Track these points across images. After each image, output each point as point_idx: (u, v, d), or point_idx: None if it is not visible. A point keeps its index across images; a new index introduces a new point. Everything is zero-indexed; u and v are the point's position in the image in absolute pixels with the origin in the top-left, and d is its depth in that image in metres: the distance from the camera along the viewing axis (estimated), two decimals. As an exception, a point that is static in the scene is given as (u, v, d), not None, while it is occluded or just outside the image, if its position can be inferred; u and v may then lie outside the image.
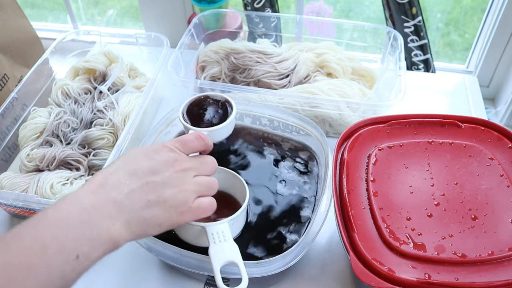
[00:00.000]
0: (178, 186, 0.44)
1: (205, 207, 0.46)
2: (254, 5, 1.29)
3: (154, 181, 0.43)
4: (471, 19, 1.85)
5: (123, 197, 0.41)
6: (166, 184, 0.44)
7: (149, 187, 0.43)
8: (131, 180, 0.43)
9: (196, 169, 0.47)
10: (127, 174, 0.43)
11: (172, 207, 0.44)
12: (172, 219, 0.44)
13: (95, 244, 0.39)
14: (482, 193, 0.55)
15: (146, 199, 0.42)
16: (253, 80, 0.83)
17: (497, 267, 0.48)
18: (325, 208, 0.55)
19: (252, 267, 0.51)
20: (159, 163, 0.44)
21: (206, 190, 0.47)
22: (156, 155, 0.45)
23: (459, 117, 0.63)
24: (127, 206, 0.41)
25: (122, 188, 0.42)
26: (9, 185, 0.64)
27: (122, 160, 0.45)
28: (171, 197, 0.44)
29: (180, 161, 0.46)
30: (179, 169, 0.45)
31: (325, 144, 0.64)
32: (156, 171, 0.44)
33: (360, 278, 0.48)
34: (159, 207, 0.43)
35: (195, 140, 0.49)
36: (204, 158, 0.49)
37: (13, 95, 0.74)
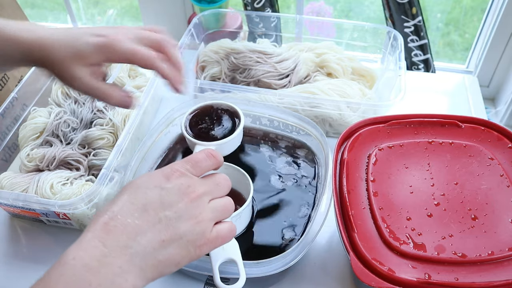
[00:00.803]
0: (194, 217, 0.40)
1: (224, 235, 0.43)
2: (254, 5, 1.29)
3: (167, 216, 0.39)
4: (471, 19, 1.85)
5: (134, 242, 0.37)
6: (181, 218, 0.40)
7: (163, 224, 0.39)
8: (141, 219, 0.38)
9: (210, 193, 0.43)
10: (136, 212, 0.38)
11: (190, 242, 0.40)
12: (190, 255, 0.40)
13: None
14: (482, 193, 0.55)
15: (160, 240, 0.38)
16: (253, 80, 0.83)
17: (497, 267, 0.48)
18: (325, 208, 0.55)
19: (252, 267, 0.51)
20: (170, 192, 0.40)
21: (222, 215, 0.43)
22: (166, 182, 0.41)
23: (459, 117, 0.63)
24: (140, 252, 0.37)
25: (132, 231, 0.37)
26: (9, 185, 0.64)
27: (128, 194, 0.40)
28: (187, 232, 0.40)
29: (193, 186, 0.41)
30: (193, 196, 0.41)
31: (325, 144, 0.64)
32: (169, 203, 0.40)
33: (360, 278, 0.48)
34: (175, 245, 0.39)
35: (207, 159, 0.45)
36: (217, 178, 0.44)
37: (13, 95, 0.74)
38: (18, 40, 0.47)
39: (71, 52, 0.47)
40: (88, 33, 0.48)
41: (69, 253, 0.36)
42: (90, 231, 0.37)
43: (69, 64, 0.47)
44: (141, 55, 0.48)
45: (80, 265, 0.35)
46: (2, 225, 0.69)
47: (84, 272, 0.35)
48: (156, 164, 0.68)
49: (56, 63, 0.48)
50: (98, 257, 0.36)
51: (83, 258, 0.35)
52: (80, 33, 0.48)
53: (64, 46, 0.47)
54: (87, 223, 0.65)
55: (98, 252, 0.36)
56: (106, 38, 0.48)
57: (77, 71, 0.48)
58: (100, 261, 0.35)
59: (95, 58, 0.48)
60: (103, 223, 0.38)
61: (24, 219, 0.69)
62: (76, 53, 0.47)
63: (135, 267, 0.37)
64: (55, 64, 0.48)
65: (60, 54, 0.47)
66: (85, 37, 0.48)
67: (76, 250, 0.36)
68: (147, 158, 0.67)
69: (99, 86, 0.49)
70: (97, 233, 0.37)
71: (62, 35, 0.48)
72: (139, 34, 0.50)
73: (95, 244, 0.36)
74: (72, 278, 0.34)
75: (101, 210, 0.39)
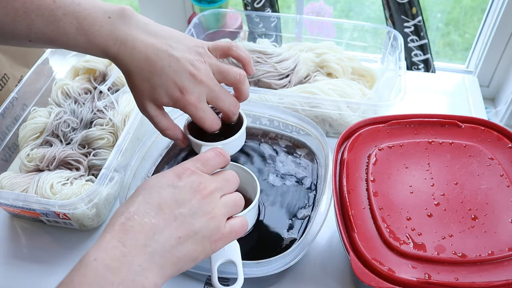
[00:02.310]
0: (208, 213, 0.41)
1: (238, 229, 0.44)
2: (254, 5, 1.30)
3: (182, 213, 0.40)
4: (471, 19, 1.85)
5: (152, 241, 0.38)
6: (195, 214, 0.41)
7: (178, 222, 0.40)
8: (157, 218, 0.39)
9: (221, 189, 0.44)
10: (151, 211, 0.40)
11: (205, 237, 0.41)
12: (206, 250, 0.41)
13: None
14: (482, 193, 0.55)
15: (177, 236, 0.39)
16: (253, 80, 0.83)
17: (497, 267, 0.48)
18: (325, 208, 0.55)
19: (252, 267, 0.51)
20: (183, 190, 0.41)
21: (234, 210, 0.44)
22: (178, 181, 0.42)
23: (459, 117, 0.63)
24: (158, 250, 0.38)
25: (149, 230, 0.38)
26: (9, 185, 0.64)
27: (143, 194, 0.41)
28: (202, 227, 0.41)
29: (204, 183, 0.43)
30: (205, 193, 0.42)
31: (325, 144, 0.64)
32: (182, 201, 0.41)
33: (360, 278, 0.48)
34: (191, 241, 0.40)
35: (216, 157, 0.46)
36: (226, 175, 0.46)
37: (13, 95, 0.74)
38: (103, 49, 0.48)
39: (146, 87, 0.48)
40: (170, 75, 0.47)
41: (89, 255, 0.36)
42: (108, 232, 0.38)
43: (141, 94, 0.49)
44: (204, 124, 0.51)
45: (102, 266, 0.35)
46: (2, 225, 0.69)
47: (106, 272, 0.35)
48: (156, 164, 0.69)
49: (130, 84, 0.49)
50: (118, 257, 0.36)
51: (104, 259, 0.36)
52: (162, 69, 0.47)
53: (141, 79, 0.48)
54: (87, 223, 0.65)
55: (118, 252, 0.37)
56: (183, 97, 0.48)
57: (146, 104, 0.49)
58: (120, 260, 0.36)
59: (165, 104, 0.49)
60: (121, 223, 0.38)
61: (24, 219, 0.69)
62: (150, 92, 0.48)
63: (154, 265, 0.38)
64: (129, 84, 0.49)
65: (136, 82, 0.48)
66: (165, 79, 0.47)
67: (96, 251, 0.37)
68: (147, 158, 0.67)
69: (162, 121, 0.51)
70: (115, 234, 0.38)
71: (144, 59, 0.47)
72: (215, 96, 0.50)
73: (114, 244, 0.37)
74: (95, 279, 0.35)
75: (117, 211, 0.40)
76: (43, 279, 0.61)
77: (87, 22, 0.46)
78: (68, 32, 0.46)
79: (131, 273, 0.36)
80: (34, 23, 0.46)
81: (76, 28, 0.46)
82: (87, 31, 0.46)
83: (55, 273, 0.62)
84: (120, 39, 0.47)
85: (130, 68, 0.48)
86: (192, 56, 0.48)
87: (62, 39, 0.47)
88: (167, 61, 0.47)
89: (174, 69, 0.47)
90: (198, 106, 0.49)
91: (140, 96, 0.49)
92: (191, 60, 0.48)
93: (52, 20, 0.46)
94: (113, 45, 0.47)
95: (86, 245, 0.65)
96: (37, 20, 0.46)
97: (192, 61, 0.48)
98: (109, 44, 0.47)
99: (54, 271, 0.62)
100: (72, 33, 0.47)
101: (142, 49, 0.47)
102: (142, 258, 0.37)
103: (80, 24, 0.46)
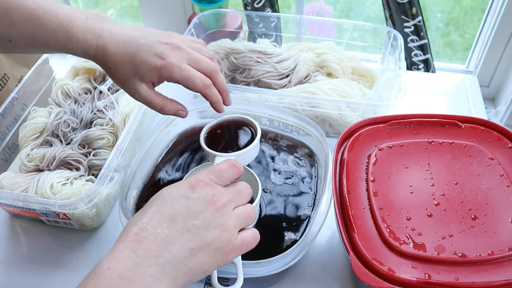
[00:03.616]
0: (220, 225, 0.42)
1: (249, 242, 0.44)
2: (254, 5, 1.30)
3: (195, 225, 0.41)
4: (471, 19, 1.85)
5: (165, 251, 0.39)
6: (208, 226, 0.41)
7: (191, 233, 0.40)
8: (170, 229, 0.40)
9: (234, 201, 0.44)
10: (165, 222, 0.40)
11: (217, 249, 0.41)
12: (218, 262, 0.42)
13: None
14: (482, 193, 0.55)
15: (189, 248, 0.40)
16: (253, 80, 0.83)
17: (497, 267, 0.48)
18: (325, 208, 0.55)
19: (252, 267, 0.51)
20: (197, 202, 0.42)
21: (246, 221, 0.45)
22: (192, 193, 0.42)
23: (459, 117, 0.63)
24: (170, 261, 0.39)
25: (162, 241, 0.39)
26: (9, 185, 0.64)
27: (156, 205, 0.41)
28: (214, 239, 0.41)
29: (218, 195, 0.43)
30: (219, 205, 0.42)
31: (325, 144, 0.64)
32: (196, 213, 0.41)
33: (360, 278, 0.48)
34: (203, 252, 0.40)
35: (230, 169, 0.46)
36: (239, 186, 0.46)
37: (13, 95, 0.74)
38: (83, 43, 0.50)
39: (131, 69, 0.50)
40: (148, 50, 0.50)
41: (103, 264, 0.37)
42: (121, 242, 0.39)
43: (128, 78, 0.51)
44: (193, 82, 0.52)
45: (115, 275, 0.36)
46: (2, 225, 0.69)
47: (119, 282, 0.36)
48: (156, 164, 0.69)
49: (115, 74, 0.51)
50: (131, 266, 0.37)
51: (117, 268, 0.37)
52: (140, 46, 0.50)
53: (124, 63, 0.50)
54: (87, 223, 0.65)
55: (131, 262, 0.37)
56: (165, 62, 0.50)
57: (136, 86, 0.52)
58: (133, 270, 0.37)
59: (153, 78, 0.51)
60: (134, 233, 0.39)
61: (24, 219, 0.69)
62: (135, 72, 0.51)
63: (166, 276, 0.38)
64: (115, 75, 0.51)
65: (119, 67, 0.50)
66: (145, 54, 0.50)
67: (110, 261, 0.37)
68: (147, 158, 0.67)
69: (155, 99, 0.53)
70: (128, 244, 0.38)
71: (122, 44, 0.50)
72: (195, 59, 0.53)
73: (128, 254, 0.38)
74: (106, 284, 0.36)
75: (131, 221, 0.41)
76: (43, 279, 0.61)
77: (66, 19, 0.49)
78: (48, 28, 0.49)
79: (144, 283, 0.37)
80: (15, 21, 0.48)
81: (56, 24, 0.49)
82: (66, 27, 0.49)
83: (55, 273, 0.62)
84: (98, 33, 0.50)
85: (111, 56, 0.50)
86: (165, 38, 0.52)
87: (42, 36, 0.49)
88: (143, 39, 0.51)
89: (150, 43, 0.50)
90: (182, 67, 0.51)
91: (128, 81, 0.51)
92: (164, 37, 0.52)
93: (32, 17, 0.48)
94: (92, 38, 0.50)
95: (86, 245, 0.65)
96: (17, 18, 0.48)
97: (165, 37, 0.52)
98: (88, 37, 0.49)
99: (54, 271, 0.62)
100: (51, 29, 0.49)
101: (119, 36, 0.50)
102: (154, 269, 0.38)
103: (60, 21, 0.49)
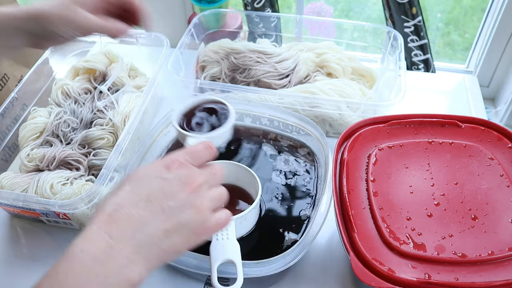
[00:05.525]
0: (195, 206, 0.41)
1: (222, 223, 0.44)
2: (254, 5, 1.30)
3: (170, 206, 0.40)
4: (471, 19, 1.85)
5: (140, 233, 0.38)
6: (183, 207, 0.41)
7: (166, 214, 0.40)
8: (145, 210, 0.39)
9: (208, 183, 0.44)
10: (140, 203, 0.39)
11: (191, 230, 0.41)
12: (191, 242, 0.42)
13: None
14: (482, 193, 0.55)
15: (164, 229, 0.39)
16: (253, 80, 0.83)
17: (497, 267, 0.48)
18: (325, 208, 0.55)
19: (252, 267, 0.51)
20: (172, 183, 0.41)
21: (219, 203, 0.45)
22: (167, 173, 0.42)
23: (459, 117, 0.63)
24: (145, 242, 0.38)
25: (137, 222, 0.38)
26: (9, 185, 0.64)
27: (130, 185, 0.41)
28: (189, 221, 0.41)
29: (193, 177, 0.43)
30: (194, 187, 0.42)
31: (325, 144, 0.64)
32: (171, 194, 0.41)
33: (360, 278, 0.48)
34: (178, 233, 0.40)
35: (205, 150, 0.46)
36: (213, 168, 0.46)
37: (13, 95, 0.74)
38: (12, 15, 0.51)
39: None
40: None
41: (76, 246, 0.37)
42: (95, 223, 0.38)
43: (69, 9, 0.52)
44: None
45: (89, 258, 0.36)
46: (2, 225, 0.69)
47: (93, 264, 0.36)
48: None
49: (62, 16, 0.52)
50: (105, 248, 0.37)
51: (91, 251, 0.36)
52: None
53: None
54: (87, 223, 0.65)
55: (105, 243, 0.37)
56: None
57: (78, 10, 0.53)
58: (107, 252, 0.36)
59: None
60: (108, 214, 0.38)
61: (24, 219, 0.69)
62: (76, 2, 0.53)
63: (141, 258, 0.38)
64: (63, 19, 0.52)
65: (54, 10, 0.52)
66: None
67: (83, 243, 0.37)
68: (147, 158, 0.67)
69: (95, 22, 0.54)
70: (102, 225, 0.38)
71: None
72: None
73: (101, 236, 0.37)
74: (81, 270, 0.35)
75: (104, 202, 0.40)
76: (43, 279, 0.61)
77: None
78: None
79: (118, 265, 0.36)
80: None
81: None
82: None
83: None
84: None
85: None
86: None
87: None
88: None
89: None
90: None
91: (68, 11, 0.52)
92: None
93: None
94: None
95: (86, 245, 0.65)
96: None
97: None
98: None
99: None
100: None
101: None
102: (129, 251, 0.37)
103: None
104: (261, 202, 0.61)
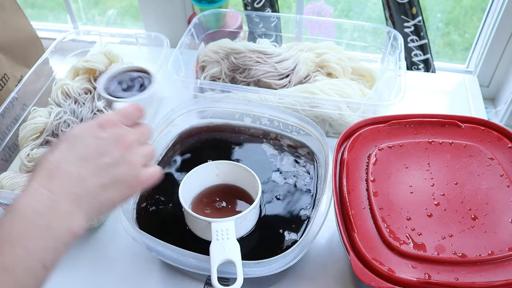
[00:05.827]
0: (128, 162, 0.45)
1: (154, 176, 0.48)
2: (254, 5, 1.29)
3: (106, 162, 0.43)
4: (471, 19, 1.85)
5: (78, 188, 0.41)
6: (118, 163, 0.44)
7: (102, 170, 0.43)
8: (83, 167, 0.42)
9: (139, 140, 0.48)
10: (78, 161, 0.42)
11: (126, 184, 0.45)
12: (126, 195, 0.45)
13: (58, 246, 0.39)
14: (482, 193, 0.55)
15: (101, 184, 0.43)
16: (253, 80, 0.83)
17: (497, 267, 0.48)
18: (325, 208, 0.55)
19: (252, 267, 0.51)
20: (107, 141, 0.44)
21: (149, 159, 0.48)
22: (102, 132, 0.45)
23: (459, 117, 0.63)
24: (83, 196, 0.41)
25: (76, 178, 0.41)
26: (9, 185, 0.64)
27: (67, 144, 0.43)
28: (123, 175, 0.44)
29: (125, 135, 0.46)
30: (127, 144, 0.45)
31: (325, 144, 0.64)
32: (106, 151, 0.44)
33: (360, 278, 0.48)
34: (113, 187, 0.44)
35: (135, 111, 0.49)
36: (143, 127, 0.49)
37: (13, 95, 0.74)
38: None
39: None
40: None
41: (18, 202, 0.39)
42: (35, 181, 0.40)
43: None
44: None
45: (31, 211, 0.38)
46: (2, 225, 0.69)
47: (35, 217, 0.38)
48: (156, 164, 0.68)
49: None
50: (47, 203, 0.39)
51: (33, 205, 0.39)
52: None
53: None
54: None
55: (46, 198, 0.39)
56: None
57: None
58: (49, 206, 0.39)
59: None
60: (47, 172, 0.41)
61: (24, 219, 0.69)
62: None
63: (80, 210, 0.41)
64: None
65: None
66: None
67: (25, 199, 0.39)
68: (147, 158, 0.67)
69: None
70: (42, 182, 0.40)
71: None
72: None
73: (42, 192, 0.39)
74: (24, 224, 0.38)
75: (42, 160, 0.42)
76: (43, 279, 0.61)
77: None
78: None
79: (59, 217, 0.39)
80: None
81: None
82: None
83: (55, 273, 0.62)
84: None
85: None
86: None
87: None
88: None
89: None
90: None
91: None
92: None
93: None
94: None
95: (86, 245, 0.65)
96: None
97: None
98: None
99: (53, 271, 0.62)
100: None
101: None
102: (69, 204, 0.40)
103: None
104: (261, 202, 0.61)
